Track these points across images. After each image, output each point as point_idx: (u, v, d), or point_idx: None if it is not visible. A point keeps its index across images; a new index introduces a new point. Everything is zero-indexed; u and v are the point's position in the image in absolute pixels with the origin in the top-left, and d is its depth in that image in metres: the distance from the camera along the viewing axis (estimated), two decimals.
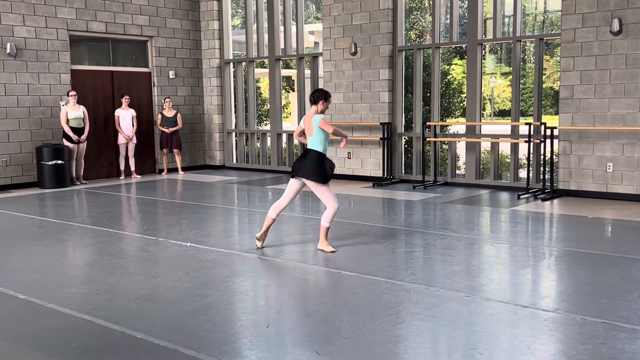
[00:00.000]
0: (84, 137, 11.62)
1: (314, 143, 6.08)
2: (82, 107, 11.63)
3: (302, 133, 6.31)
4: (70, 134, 11.42)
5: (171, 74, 13.55)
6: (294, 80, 23.36)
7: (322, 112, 6.14)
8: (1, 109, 11.06)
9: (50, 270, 5.76)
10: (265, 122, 18.32)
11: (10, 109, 11.18)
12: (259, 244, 6.34)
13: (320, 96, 6.12)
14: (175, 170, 13.33)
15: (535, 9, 26.21)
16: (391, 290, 4.87)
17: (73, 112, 11.44)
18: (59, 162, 11.15)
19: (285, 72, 17.09)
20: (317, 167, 6.03)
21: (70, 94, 11.43)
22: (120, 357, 3.70)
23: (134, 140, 12.52)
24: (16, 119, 11.28)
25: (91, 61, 12.65)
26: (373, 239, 6.79)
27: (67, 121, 11.39)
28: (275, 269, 5.74)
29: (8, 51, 11.03)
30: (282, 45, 13.26)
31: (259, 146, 14.05)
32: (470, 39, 10.60)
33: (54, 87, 11.73)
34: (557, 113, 10.84)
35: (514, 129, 10.59)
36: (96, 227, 7.65)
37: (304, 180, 6.09)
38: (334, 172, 6.25)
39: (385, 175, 11.40)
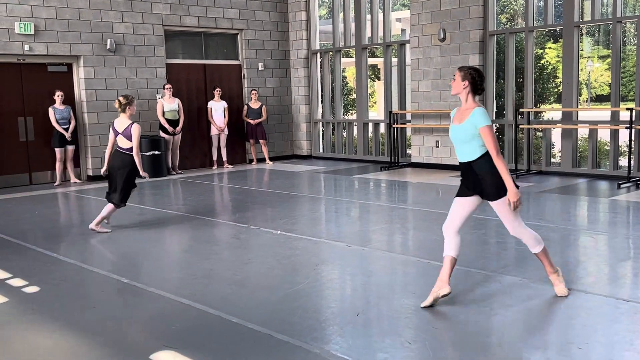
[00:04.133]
0: (179, 128, 12.08)
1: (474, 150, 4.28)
2: (177, 99, 12.09)
3: None
4: (166, 125, 11.90)
5: (260, 66, 13.81)
6: (379, 69, 23.27)
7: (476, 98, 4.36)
8: (102, 102, 11.68)
9: (150, 256, 6.06)
10: (351, 111, 18.36)
11: (110, 103, 11.78)
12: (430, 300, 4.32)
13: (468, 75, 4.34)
14: (264, 160, 13.61)
15: None
16: (483, 282, 4.78)
17: (169, 104, 11.92)
18: (156, 152, 11.67)
19: (371, 61, 17.03)
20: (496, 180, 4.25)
21: (166, 87, 11.91)
22: (217, 340, 3.85)
23: (226, 131, 12.87)
24: (116, 112, 11.82)
25: (185, 55, 13.11)
26: (463, 229, 6.65)
27: (163, 113, 11.89)
28: (363, 257, 5.76)
29: (108, 47, 11.61)
30: (368, 34, 13.21)
31: (345, 136, 14.08)
32: (567, 21, 10.14)
33: (150, 81, 12.25)
34: None
35: (614, 115, 10.06)
36: (191, 214, 7.95)
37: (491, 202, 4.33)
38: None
39: None
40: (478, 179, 4.26)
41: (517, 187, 4.20)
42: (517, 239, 4.45)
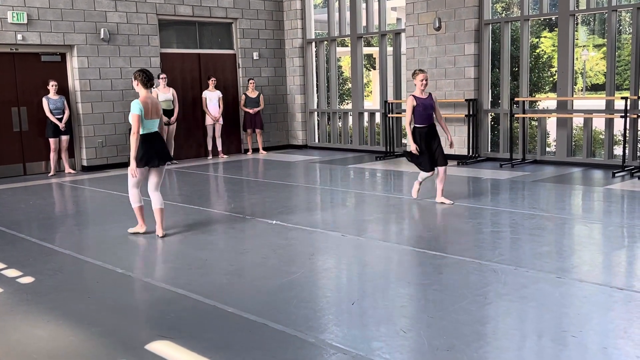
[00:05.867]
0: (173, 118, 12.04)
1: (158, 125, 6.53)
2: (171, 89, 12.03)
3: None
4: None
5: (255, 55, 13.76)
6: (375, 58, 23.18)
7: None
8: (97, 92, 11.62)
9: (145, 246, 6.05)
10: (346, 101, 18.32)
11: (105, 92, 11.73)
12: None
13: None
14: (258, 150, 13.57)
15: None
16: (478, 271, 4.79)
17: (163, 94, 11.86)
18: None
19: (366, 50, 16.97)
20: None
21: (161, 76, 11.85)
22: (212, 330, 3.85)
23: (221, 121, 12.83)
24: (110, 102, 11.82)
25: (179, 44, 13.03)
26: (458, 219, 6.68)
27: None
28: (359, 247, 5.77)
29: (102, 36, 11.53)
30: (364, 23, 13.16)
31: (340, 125, 14.06)
32: (562, 9, 10.12)
33: None
34: None
35: (609, 104, 10.07)
36: (187, 204, 7.94)
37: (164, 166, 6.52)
38: None
39: (471, 154, 11.15)
40: None
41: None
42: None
